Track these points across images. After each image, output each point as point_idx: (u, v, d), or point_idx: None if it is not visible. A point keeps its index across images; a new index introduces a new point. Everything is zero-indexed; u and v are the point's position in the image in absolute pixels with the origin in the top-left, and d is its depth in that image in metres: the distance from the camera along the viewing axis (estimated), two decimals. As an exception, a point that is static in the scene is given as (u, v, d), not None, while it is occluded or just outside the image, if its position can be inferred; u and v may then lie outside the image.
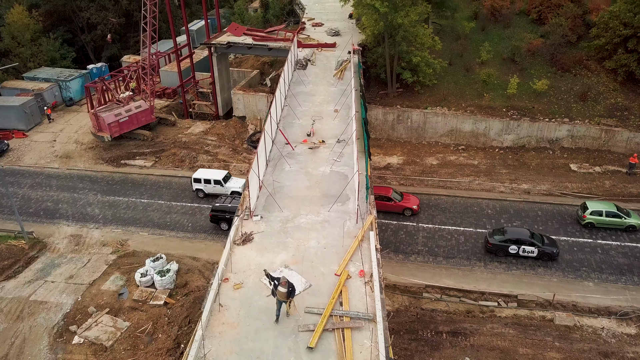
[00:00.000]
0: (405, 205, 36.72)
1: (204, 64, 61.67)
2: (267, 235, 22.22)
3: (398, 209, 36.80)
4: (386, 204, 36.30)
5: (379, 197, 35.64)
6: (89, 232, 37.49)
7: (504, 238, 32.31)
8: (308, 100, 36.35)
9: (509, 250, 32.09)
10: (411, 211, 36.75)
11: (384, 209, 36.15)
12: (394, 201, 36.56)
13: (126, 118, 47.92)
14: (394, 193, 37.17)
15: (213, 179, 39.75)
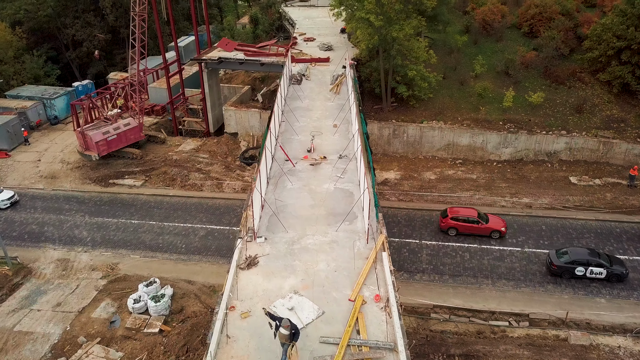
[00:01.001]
0: (492, 227, 34.80)
1: (193, 80, 60.59)
2: (272, 258, 20.90)
3: (485, 232, 34.85)
4: (472, 226, 34.69)
5: (462, 219, 34.61)
6: (77, 255, 35.70)
7: (569, 259, 30.75)
8: (306, 116, 35.32)
9: (576, 272, 30.53)
10: (499, 233, 34.79)
11: (468, 231, 34.86)
12: (481, 223, 34.83)
13: (114, 136, 46.36)
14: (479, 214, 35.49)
15: None
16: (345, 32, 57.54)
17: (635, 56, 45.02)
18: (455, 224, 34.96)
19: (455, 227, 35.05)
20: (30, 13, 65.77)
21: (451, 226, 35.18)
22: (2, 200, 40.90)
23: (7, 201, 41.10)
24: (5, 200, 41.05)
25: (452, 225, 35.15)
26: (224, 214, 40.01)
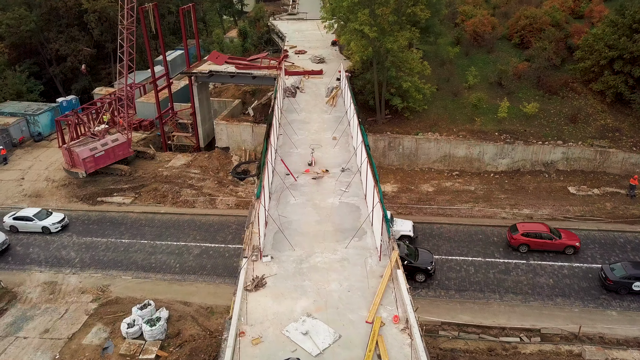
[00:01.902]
0: (567, 242, 33.46)
1: (182, 94, 59.43)
2: (281, 279, 19.76)
3: (559, 247, 33.51)
4: (546, 242, 33.44)
5: (534, 235, 33.50)
6: (65, 278, 33.98)
7: (626, 274, 29.68)
8: (303, 128, 34.43)
9: (633, 287, 29.52)
10: (573, 249, 33.48)
11: (541, 247, 33.60)
12: (555, 238, 33.57)
13: (102, 152, 44.86)
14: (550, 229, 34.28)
15: None
16: (336, 44, 57.09)
17: (628, 66, 45.18)
18: (527, 240, 33.57)
19: (526, 244, 33.64)
20: (12, 28, 64.11)
21: (522, 242, 33.68)
22: (54, 224, 38.31)
23: (59, 224, 38.55)
24: (57, 223, 38.46)
25: (523, 242, 33.66)
26: (219, 231, 38.67)
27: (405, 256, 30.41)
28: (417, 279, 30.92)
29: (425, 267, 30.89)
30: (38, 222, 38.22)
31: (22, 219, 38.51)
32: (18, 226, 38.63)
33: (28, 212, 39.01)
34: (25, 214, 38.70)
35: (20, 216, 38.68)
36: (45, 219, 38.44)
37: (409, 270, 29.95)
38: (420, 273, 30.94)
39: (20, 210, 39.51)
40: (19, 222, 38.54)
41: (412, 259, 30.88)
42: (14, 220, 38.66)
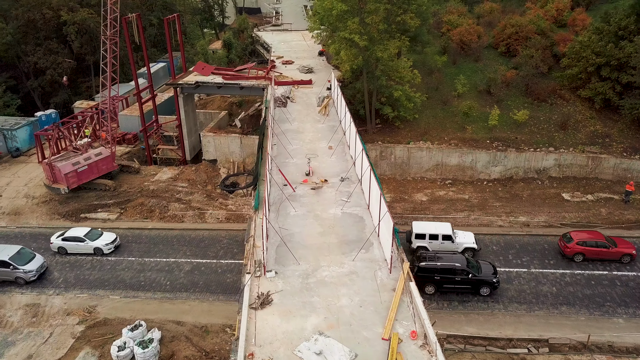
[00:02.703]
0: (624, 251, 32.60)
1: (165, 107, 58.01)
2: (287, 295, 18.65)
3: (615, 256, 32.66)
4: (602, 250, 32.54)
5: (591, 244, 32.61)
6: (49, 299, 32.19)
7: None
8: (297, 138, 33.48)
9: None
10: (630, 257, 32.62)
11: (597, 256, 32.77)
12: (611, 246, 32.65)
13: (85, 167, 43.15)
14: None
15: (442, 234, 33.25)
16: (323, 54, 56.58)
17: (615, 72, 45.49)
18: (583, 249, 32.77)
19: (582, 253, 32.84)
20: (-12, 41, 62.09)
21: (578, 252, 32.87)
22: (106, 244, 36.08)
23: (111, 245, 36.39)
24: (110, 244, 36.27)
25: (578, 251, 32.85)
26: (209, 246, 37.32)
27: (468, 269, 29.60)
28: (481, 292, 29.93)
29: (490, 280, 29.81)
30: (90, 242, 35.97)
31: (72, 240, 36.16)
32: (67, 247, 36.26)
33: (77, 232, 36.63)
34: (75, 234, 36.29)
35: (70, 237, 36.26)
36: (97, 240, 36.30)
37: (472, 283, 29.49)
38: (485, 286, 29.87)
39: (69, 230, 37.06)
40: (68, 243, 36.19)
41: (475, 271, 29.84)
42: (63, 241, 36.29)
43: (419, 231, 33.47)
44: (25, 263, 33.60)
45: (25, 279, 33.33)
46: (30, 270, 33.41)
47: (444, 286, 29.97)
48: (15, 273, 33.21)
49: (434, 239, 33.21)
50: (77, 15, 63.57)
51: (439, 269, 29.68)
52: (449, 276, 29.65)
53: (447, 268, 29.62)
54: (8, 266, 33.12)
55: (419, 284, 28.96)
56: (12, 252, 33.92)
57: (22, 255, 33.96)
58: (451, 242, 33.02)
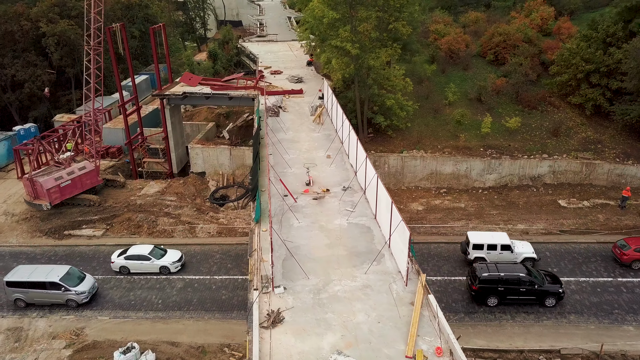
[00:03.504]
0: None
1: (150, 119, 56.54)
2: (299, 312, 17.46)
3: None
4: None
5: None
6: (32, 322, 30.26)
7: None
8: (293, 148, 32.46)
9: None
10: None
11: None
12: None
13: (68, 182, 41.32)
14: None
15: (500, 244, 32.24)
16: (312, 64, 55.87)
17: (604, 78, 45.73)
18: None
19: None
20: (-38, 53, 59.90)
21: (637, 259, 32.01)
22: (173, 263, 33.85)
23: (178, 263, 34.06)
24: (176, 262, 34.01)
25: (638, 258, 32.03)
26: (202, 261, 35.80)
27: (534, 279, 28.64)
28: (546, 303, 28.90)
29: (556, 290, 28.86)
30: (156, 261, 33.73)
31: (137, 258, 33.94)
32: (130, 267, 34.02)
33: (141, 250, 34.41)
34: (140, 253, 34.08)
35: (134, 255, 34.03)
36: (163, 258, 34.21)
37: (537, 294, 28.48)
38: (550, 297, 28.84)
39: (131, 248, 34.81)
40: (132, 262, 33.95)
41: (540, 282, 28.81)
42: (126, 260, 34.06)
43: (476, 241, 32.46)
44: (76, 284, 31.14)
45: (78, 301, 30.87)
46: (82, 292, 30.97)
47: (508, 297, 28.93)
48: (67, 295, 30.69)
49: (492, 249, 32.24)
50: (56, 26, 61.78)
51: (502, 279, 28.63)
52: (514, 287, 28.64)
53: (512, 279, 28.61)
54: (59, 288, 30.53)
55: (481, 295, 28.56)
56: (61, 272, 31.25)
57: (72, 276, 31.48)
58: (510, 252, 32.11)
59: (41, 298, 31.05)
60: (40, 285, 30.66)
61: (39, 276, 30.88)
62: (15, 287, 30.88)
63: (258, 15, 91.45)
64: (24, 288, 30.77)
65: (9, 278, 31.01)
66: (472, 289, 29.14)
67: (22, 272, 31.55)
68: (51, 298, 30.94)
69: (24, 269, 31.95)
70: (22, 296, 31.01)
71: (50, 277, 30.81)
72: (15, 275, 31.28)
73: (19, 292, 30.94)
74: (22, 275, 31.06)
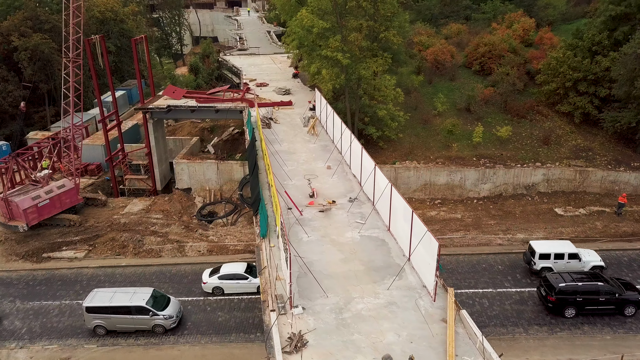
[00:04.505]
0: None
1: (129, 135, 54.33)
2: (323, 334, 15.96)
3: None
4: None
5: None
6: (11, 354, 27.85)
7: None
8: (291, 159, 31.12)
9: None
10: None
11: None
12: None
13: (47, 201, 38.92)
14: None
15: (567, 253, 31.17)
16: (297, 76, 54.82)
17: (592, 86, 45.96)
18: None
19: None
20: None
21: None
22: None
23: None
24: None
25: None
26: (194, 281, 33.81)
27: (611, 289, 27.56)
28: (626, 312, 27.73)
29: (636, 299, 27.67)
30: (253, 280, 30.79)
31: (232, 278, 31.23)
32: (225, 287, 31.29)
33: (235, 268, 31.83)
34: (235, 271, 31.48)
35: (229, 274, 31.36)
36: None
37: (617, 303, 27.39)
38: (630, 305, 27.69)
39: (222, 267, 32.10)
40: (227, 282, 31.24)
41: (619, 290, 27.65)
42: (220, 279, 31.33)
43: (543, 251, 31.51)
44: (162, 307, 28.75)
45: (166, 326, 28.46)
46: (170, 316, 28.55)
47: (586, 308, 27.88)
48: (154, 320, 28.29)
49: (559, 258, 31.41)
50: (29, 40, 59.27)
51: (580, 290, 27.56)
52: (593, 297, 27.61)
53: (591, 289, 27.60)
54: (146, 313, 28.11)
55: (558, 306, 27.38)
56: (146, 295, 28.88)
57: (157, 299, 29.12)
58: (578, 260, 31.27)
59: (125, 324, 28.54)
60: (125, 310, 28.08)
61: (122, 300, 28.35)
62: (95, 313, 28.26)
63: (237, 30, 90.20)
64: (106, 314, 28.18)
65: (89, 303, 28.36)
66: (549, 301, 28.05)
67: (101, 296, 28.89)
68: (136, 324, 28.50)
69: (102, 293, 29.25)
70: (103, 323, 28.48)
71: (135, 301, 28.30)
72: (94, 300, 28.57)
73: (99, 319, 28.38)
74: (103, 300, 28.41)
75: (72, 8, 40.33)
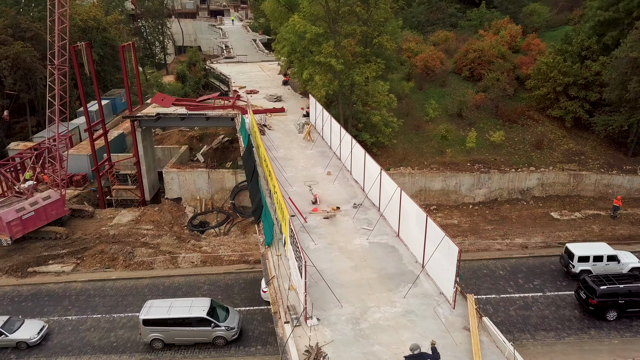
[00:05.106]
0: None
1: (114, 145, 52.84)
2: (341, 347, 15.14)
3: None
4: None
5: None
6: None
7: None
8: (289, 165, 30.33)
9: None
10: None
11: None
12: None
13: (32, 213, 37.45)
14: None
15: (606, 255, 30.95)
16: (287, 83, 54.18)
17: (582, 91, 46.21)
18: None
19: None
20: None
21: None
22: None
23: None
24: None
25: None
26: (188, 294, 32.70)
27: None
28: None
29: None
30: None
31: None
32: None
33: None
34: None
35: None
36: None
37: None
38: None
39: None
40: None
41: None
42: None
43: (582, 253, 31.25)
44: (224, 318, 27.41)
45: (227, 338, 27.09)
46: (232, 327, 27.15)
47: (628, 310, 27.47)
48: (216, 332, 26.88)
49: (598, 260, 31.15)
50: (10, 49, 57.50)
51: (622, 292, 27.17)
52: (635, 299, 27.24)
53: (634, 290, 27.22)
54: (208, 324, 26.71)
55: (600, 310, 26.87)
56: (205, 305, 27.33)
57: (216, 309, 27.73)
58: (617, 262, 30.98)
59: (185, 337, 27.11)
60: (185, 322, 26.65)
61: (180, 312, 26.92)
62: (153, 326, 26.77)
63: (222, 38, 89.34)
64: (164, 326, 26.72)
65: (146, 316, 26.86)
66: (590, 304, 27.59)
67: (157, 308, 27.42)
68: (196, 336, 27.04)
69: (158, 304, 27.74)
70: (161, 336, 26.98)
71: (195, 312, 26.84)
72: (151, 312, 27.10)
73: (157, 332, 26.89)
74: (160, 312, 26.95)
75: (57, 14, 39.23)
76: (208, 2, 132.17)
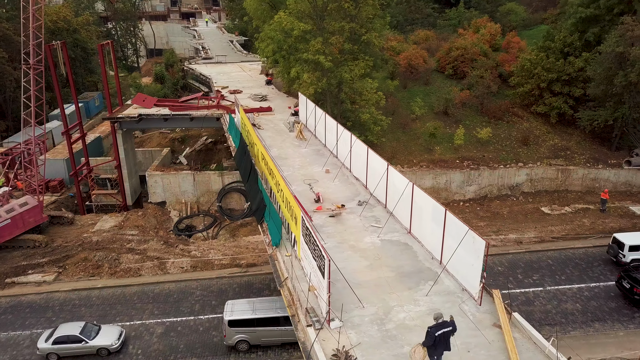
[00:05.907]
0: None
1: (91, 148, 50.79)
2: (369, 349, 14.31)
3: None
4: None
5: None
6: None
7: None
8: (285, 164, 29.36)
9: None
10: None
11: None
12: None
13: (8, 221, 35.40)
14: None
15: None
16: (271, 83, 53.17)
17: (566, 87, 46.68)
18: None
19: None
20: None
21: None
22: None
23: None
24: None
25: None
26: (180, 300, 31.34)
27: None
28: None
29: None
30: None
31: None
32: None
33: None
34: None
35: None
36: None
37: None
38: None
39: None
40: None
41: None
42: None
43: (633, 243, 31.12)
44: None
45: None
46: None
47: None
48: None
49: None
50: (-23, 50, 54.86)
51: None
52: None
53: None
54: None
55: None
56: (282, 304, 24.65)
57: None
58: None
59: (272, 337, 25.44)
60: (273, 321, 24.89)
61: (268, 311, 25.29)
62: (239, 327, 25.12)
63: (198, 40, 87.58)
64: (251, 327, 25.07)
65: (231, 317, 25.18)
66: (636, 293, 27.45)
67: (239, 308, 25.85)
68: (283, 336, 25.18)
69: (240, 305, 26.13)
70: (247, 337, 25.36)
71: (283, 310, 24.16)
72: (235, 312, 25.47)
73: (243, 333, 25.23)
74: (246, 312, 25.36)
75: (32, 11, 37.35)
76: (179, 5, 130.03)
